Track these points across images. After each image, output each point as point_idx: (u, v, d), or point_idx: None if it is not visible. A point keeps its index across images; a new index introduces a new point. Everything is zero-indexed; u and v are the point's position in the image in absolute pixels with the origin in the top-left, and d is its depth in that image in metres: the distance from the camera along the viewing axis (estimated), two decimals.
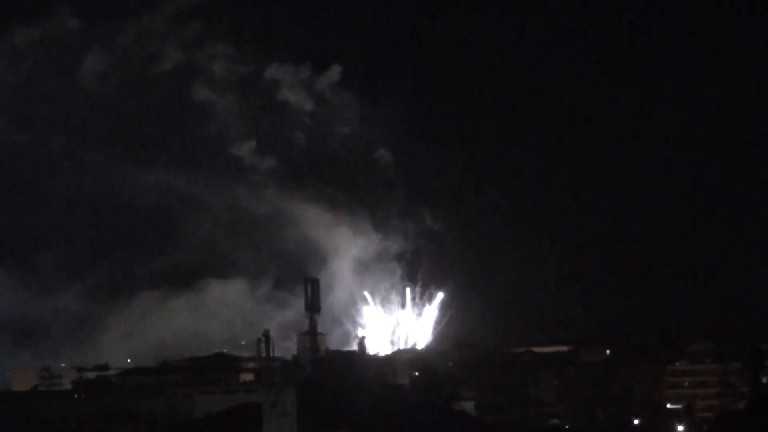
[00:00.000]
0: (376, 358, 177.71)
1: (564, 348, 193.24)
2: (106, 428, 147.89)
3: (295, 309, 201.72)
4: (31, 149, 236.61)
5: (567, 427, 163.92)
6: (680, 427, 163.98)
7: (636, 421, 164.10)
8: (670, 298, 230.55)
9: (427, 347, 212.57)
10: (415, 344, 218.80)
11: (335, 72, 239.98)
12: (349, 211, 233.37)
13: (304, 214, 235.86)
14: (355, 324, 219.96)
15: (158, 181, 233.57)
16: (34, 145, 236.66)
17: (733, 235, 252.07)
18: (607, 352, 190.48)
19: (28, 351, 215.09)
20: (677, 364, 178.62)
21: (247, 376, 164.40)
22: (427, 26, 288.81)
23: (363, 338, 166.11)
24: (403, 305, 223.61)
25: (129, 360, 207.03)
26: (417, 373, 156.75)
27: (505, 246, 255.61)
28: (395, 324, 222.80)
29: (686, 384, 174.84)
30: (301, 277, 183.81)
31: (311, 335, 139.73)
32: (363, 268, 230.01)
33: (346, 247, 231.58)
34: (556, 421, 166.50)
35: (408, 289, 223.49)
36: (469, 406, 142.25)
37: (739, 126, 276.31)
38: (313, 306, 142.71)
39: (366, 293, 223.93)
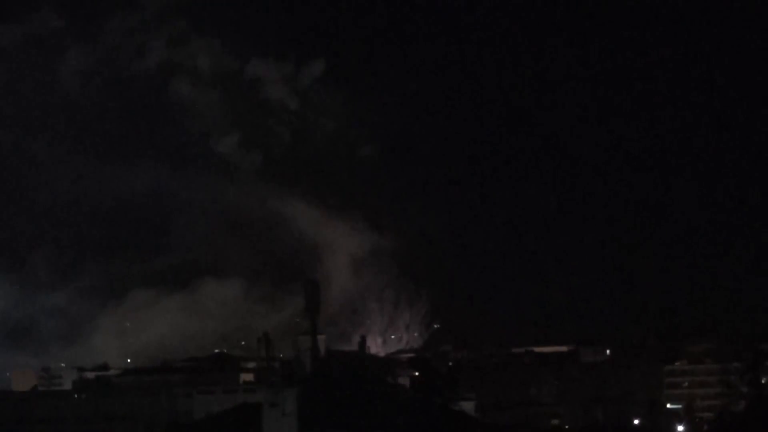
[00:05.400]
0: (376, 358, 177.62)
1: (564, 348, 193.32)
2: (106, 428, 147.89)
3: (291, 309, 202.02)
4: (18, 149, 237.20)
5: (567, 427, 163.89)
6: (680, 427, 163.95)
7: (636, 421, 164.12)
8: (670, 298, 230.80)
9: (427, 347, 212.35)
10: (413, 344, 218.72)
11: (319, 66, 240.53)
12: (341, 208, 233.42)
13: (295, 212, 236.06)
14: (352, 323, 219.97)
15: (146, 179, 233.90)
16: (20, 145, 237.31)
17: (733, 234, 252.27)
18: (607, 352, 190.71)
19: (21, 351, 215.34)
20: (677, 364, 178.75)
21: (247, 376, 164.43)
22: (413, 19, 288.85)
23: (363, 338, 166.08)
24: (399, 304, 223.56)
25: (129, 360, 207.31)
26: (417, 373, 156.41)
27: (504, 245, 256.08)
28: (392, 323, 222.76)
29: (686, 384, 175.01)
30: (297, 276, 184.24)
31: (312, 335, 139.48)
32: (358, 266, 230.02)
33: (341, 245, 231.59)
34: (556, 421, 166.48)
35: (405, 288, 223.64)
36: (469, 406, 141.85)
37: (740, 125, 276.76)
38: (313, 306, 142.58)
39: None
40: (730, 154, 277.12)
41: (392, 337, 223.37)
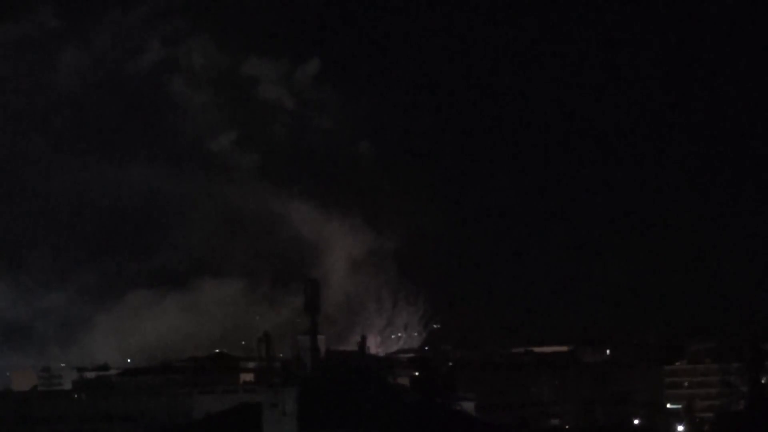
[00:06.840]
0: (376, 358, 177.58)
1: (564, 348, 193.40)
2: (106, 428, 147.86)
3: (290, 308, 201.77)
4: (15, 148, 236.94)
5: (567, 427, 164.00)
6: (680, 427, 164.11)
7: (636, 421, 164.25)
8: (670, 298, 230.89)
9: (427, 347, 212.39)
10: (412, 344, 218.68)
11: (315, 65, 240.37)
12: (340, 208, 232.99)
13: (293, 211, 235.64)
14: (352, 323, 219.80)
15: (143, 178, 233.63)
16: (18, 144, 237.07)
17: (733, 234, 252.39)
18: (607, 352, 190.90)
19: (21, 351, 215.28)
20: (677, 364, 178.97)
21: (247, 376, 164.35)
22: (409, 17, 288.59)
23: (363, 337, 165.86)
24: (398, 304, 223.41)
25: (129, 360, 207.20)
26: (417, 373, 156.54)
27: (503, 244, 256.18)
28: (391, 323, 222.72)
29: (686, 384, 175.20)
30: (297, 276, 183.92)
31: (312, 335, 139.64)
32: (357, 265, 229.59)
33: (339, 245, 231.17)
34: (556, 421, 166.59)
35: (404, 287, 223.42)
36: (469, 406, 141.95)
37: (740, 124, 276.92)
38: (314, 306, 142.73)
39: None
40: (730, 154, 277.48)
41: (392, 336, 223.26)
